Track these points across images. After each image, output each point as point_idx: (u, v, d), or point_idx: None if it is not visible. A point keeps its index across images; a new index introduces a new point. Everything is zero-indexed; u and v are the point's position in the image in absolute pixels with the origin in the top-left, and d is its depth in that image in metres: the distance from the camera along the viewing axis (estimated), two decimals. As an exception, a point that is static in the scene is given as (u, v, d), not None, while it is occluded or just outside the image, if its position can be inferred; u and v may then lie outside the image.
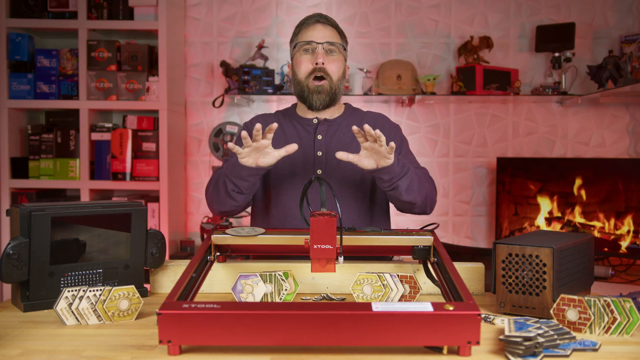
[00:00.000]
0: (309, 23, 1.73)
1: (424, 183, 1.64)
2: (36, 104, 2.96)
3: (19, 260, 1.25)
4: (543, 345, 1.02)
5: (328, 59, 1.69)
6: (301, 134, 1.74)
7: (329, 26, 1.72)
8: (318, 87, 1.68)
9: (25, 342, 1.10)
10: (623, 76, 2.73)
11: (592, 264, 1.41)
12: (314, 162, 1.71)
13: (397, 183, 1.53)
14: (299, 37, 1.74)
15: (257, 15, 3.22)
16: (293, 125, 1.76)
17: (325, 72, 1.68)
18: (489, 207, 3.24)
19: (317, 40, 1.69)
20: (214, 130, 3.23)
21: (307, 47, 1.70)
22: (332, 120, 1.76)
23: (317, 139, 1.72)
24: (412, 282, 1.35)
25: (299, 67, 1.71)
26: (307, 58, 1.70)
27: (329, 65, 1.69)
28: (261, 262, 1.50)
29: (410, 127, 3.22)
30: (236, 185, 1.57)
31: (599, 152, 3.20)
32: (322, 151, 1.71)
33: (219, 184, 1.62)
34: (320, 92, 1.68)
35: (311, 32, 1.71)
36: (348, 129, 1.75)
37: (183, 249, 3.11)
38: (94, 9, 2.95)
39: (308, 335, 1.00)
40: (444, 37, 3.21)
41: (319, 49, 1.68)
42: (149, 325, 1.21)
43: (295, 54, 1.74)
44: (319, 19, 1.73)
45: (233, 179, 1.56)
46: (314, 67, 1.68)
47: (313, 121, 1.75)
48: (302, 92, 1.71)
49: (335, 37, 1.72)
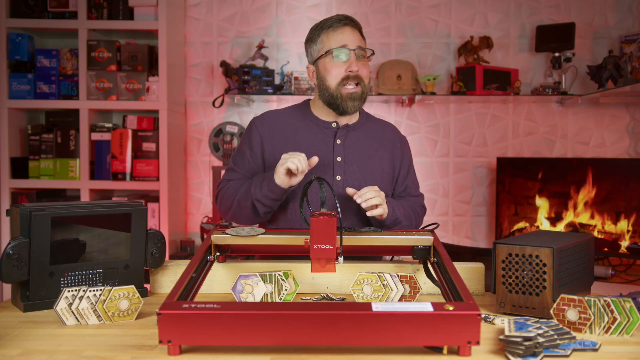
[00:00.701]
0: (337, 26, 1.67)
1: (412, 223, 1.73)
2: (36, 104, 2.96)
3: (19, 260, 1.25)
4: (543, 345, 1.02)
5: (360, 64, 1.66)
6: (320, 137, 1.71)
7: (356, 30, 1.69)
8: (353, 94, 1.65)
9: (25, 342, 1.10)
10: (623, 76, 2.73)
11: (592, 264, 1.41)
12: (333, 167, 1.69)
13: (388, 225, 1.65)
14: (325, 42, 1.67)
15: (257, 15, 3.22)
16: (310, 126, 1.72)
17: (359, 78, 1.65)
18: (489, 207, 3.24)
19: (350, 46, 1.65)
20: (214, 130, 3.23)
21: (338, 53, 1.65)
22: (351, 125, 1.74)
23: (337, 144, 1.70)
24: (412, 282, 1.35)
25: (330, 73, 1.65)
26: (339, 64, 1.65)
27: (361, 71, 1.66)
28: (261, 262, 1.50)
29: (410, 127, 3.22)
30: (270, 207, 1.61)
31: (599, 152, 3.20)
32: (342, 157, 1.69)
33: (241, 205, 1.63)
34: (355, 99, 1.66)
35: (341, 37, 1.65)
36: (366, 135, 1.75)
37: (183, 249, 3.11)
38: (94, 9, 2.96)
39: (308, 335, 1.00)
40: (444, 37, 3.21)
41: (352, 55, 1.65)
42: (149, 325, 1.21)
43: (324, 59, 1.67)
44: (347, 22, 1.68)
45: (266, 202, 1.59)
46: (347, 75, 1.64)
47: (332, 125, 1.72)
48: (332, 98, 1.66)
49: (362, 40, 1.70)
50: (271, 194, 1.56)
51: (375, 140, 1.75)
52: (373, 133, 1.76)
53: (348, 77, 1.64)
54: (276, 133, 1.71)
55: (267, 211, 1.62)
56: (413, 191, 1.80)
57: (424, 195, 1.85)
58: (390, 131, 1.81)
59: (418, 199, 1.80)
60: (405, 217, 1.67)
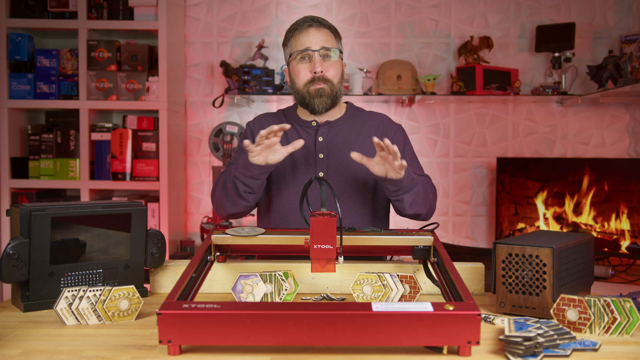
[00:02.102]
0: (302, 29, 1.67)
1: (429, 195, 1.67)
2: (36, 104, 2.96)
3: (19, 260, 1.25)
4: (543, 345, 1.02)
5: (325, 65, 1.66)
6: (302, 136, 1.73)
7: (322, 28, 1.68)
8: (319, 90, 1.66)
9: (25, 342, 1.10)
10: (623, 76, 2.73)
11: (592, 264, 1.41)
12: (315, 164, 1.70)
13: (402, 196, 1.57)
14: (293, 45, 1.69)
15: (257, 15, 3.22)
16: (294, 127, 1.75)
17: (324, 78, 1.66)
18: (489, 207, 3.24)
19: (313, 47, 1.65)
20: (214, 130, 3.23)
21: (303, 54, 1.66)
22: (334, 121, 1.75)
23: (318, 141, 1.71)
24: (412, 282, 1.35)
25: (297, 76, 1.68)
26: (305, 67, 1.67)
27: (328, 71, 1.66)
28: (261, 262, 1.50)
29: (410, 127, 3.22)
30: (247, 185, 1.59)
31: (599, 152, 3.20)
32: (324, 153, 1.71)
33: (226, 187, 1.64)
34: (321, 96, 1.66)
35: (305, 39, 1.66)
36: (350, 130, 1.74)
37: (183, 249, 3.11)
38: (94, 9, 2.96)
39: (308, 335, 1.00)
40: (444, 37, 3.21)
41: (316, 57, 1.65)
42: (149, 325, 1.21)
43: (292, 62, 1.70)
44: (311, 23, 1.68)
45: (244, 180, 1.58)
46: (313, 76, 1.65)
47: (312, 124, 1.74)
48: (303, 98, 1.69)
49: (330, 39, 1.68)
50: (246, 170, 1.56)
51: (361, 133, 1.74)
52: (359, 126, 1.76)
53: (314, 79, 1.65)
54: None
55: (246, 190, 1.59)
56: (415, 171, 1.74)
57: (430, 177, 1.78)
58: (377, 121, 1.79)
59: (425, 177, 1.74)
60: (420, 183, 1.62)
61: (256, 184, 1.59)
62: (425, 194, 1.64)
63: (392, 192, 1.56)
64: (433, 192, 1.72)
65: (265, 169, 1.55)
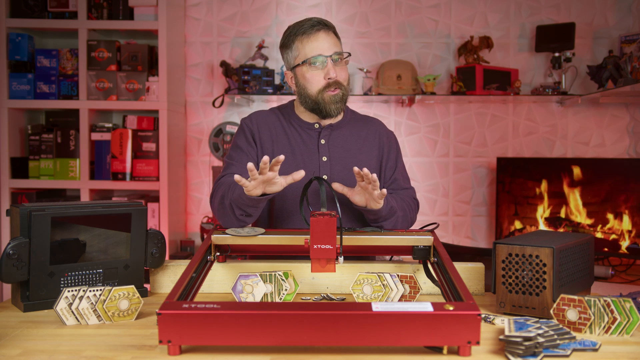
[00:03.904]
0: (311, 33, 1.64)
1: (407, 217, 1.69)
2: (36, 104, 2.96)
3: (19, 260, 1.25)
4: (543, 345, 1.02)
5: (337, 69, 1.65)
6: (304, 137, 1.72)
7: (330, 32, 1.67)
8: (334, 96, 1.64)
9: (25, 342, 1.10)
10: (623, 76, 2.73)
11: (592, 264, 1.41)
12: (319, 167, 1.69)
13: (382, 223, 1.60)
14: (300, 49, 1.65)
15: (257, 15, 3.22)
16: (294, 127, 1.73)
17: (338, 83, 1.65)
18: (489, 207, 3.24)
19: (325, 53, 1.63)
20: (214, 130, 3.23)
21: (315, 61, 1.63)
22: (336, 124, 1.74)
23: (321, 144, 1.71)
24: (412, 282, 1.35)
25: (309, 82, 1.64)
26: (318, 73, 1.64)
27: (340, 75, 1.65)
28: (261, 262, 1.50)
29: (410, 127, 3.22)
30: (244, 211, 1.52)
31: (599, 152, 3.20)
32: (327, 156, 1.70)
33: (224, 203, 1.55)
34: (337, 102, 1.65)
35: (316, 44, 1.63)
36: (351, 134, 1.75)
37: (183, 249, 3.11)
38: (94, 9, 2.96)
39: (308, 335, 1.00)
40: (444, 37, 3.21)
41: (329, 63, 1.63)
42: (149, 325, 1.21)
43: (301, 67, 1.66)
44: (320, 27, 1.64)
45: (241, 207, 1.50)
46: (327, 82, 1.63)
47: (315, 126, 1.73)
48: (315, 104, 1.66)
49: (337, 43, 1.68)
50: (241, 200, 1.49)
51: (360, 138, 1.75)
52: (358, 130, 1.77)
53: (328, 85, 1.64)
54: (264, 132, 1.72)
55: (243, 214, 1.53)
56: (402, 184, 1.78)
57: (414, 189, 1.82)
58: (375, 127, 1.80)
59: (409, 191, 1.78)
60: (400, 208, 1.64)
61: (253, 211, 1.53)
62: (404, 218, 1.66)
63: (372, 220, 1.59)
64: (413, 209, 1.75)
65: (262, 199, 1.47)
